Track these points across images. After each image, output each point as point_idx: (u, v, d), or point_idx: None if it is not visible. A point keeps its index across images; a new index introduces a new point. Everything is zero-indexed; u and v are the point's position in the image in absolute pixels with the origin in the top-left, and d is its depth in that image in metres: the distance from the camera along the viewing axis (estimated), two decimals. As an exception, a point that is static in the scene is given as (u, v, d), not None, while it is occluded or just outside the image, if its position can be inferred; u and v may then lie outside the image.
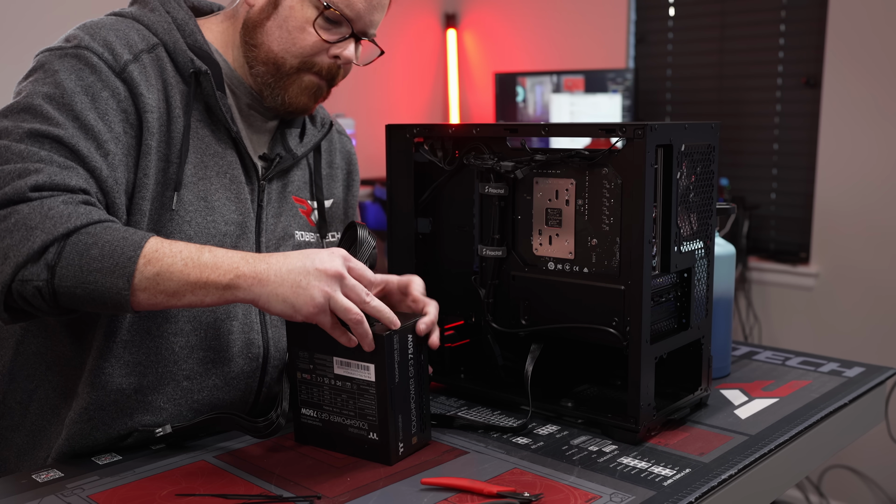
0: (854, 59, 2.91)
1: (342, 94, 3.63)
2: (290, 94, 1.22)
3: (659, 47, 3.45)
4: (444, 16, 4.05)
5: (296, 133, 1.32)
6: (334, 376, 1.10)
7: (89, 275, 1.00)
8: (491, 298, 1.29)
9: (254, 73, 1.22)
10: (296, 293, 1.00)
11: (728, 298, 1.42)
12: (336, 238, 1.35)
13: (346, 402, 1.10)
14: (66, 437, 1.14)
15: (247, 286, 1.01)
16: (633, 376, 1.13)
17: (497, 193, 1.25)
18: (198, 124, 1.18)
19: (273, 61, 1.20)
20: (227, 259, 1.02)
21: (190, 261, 1.01)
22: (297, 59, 1.20)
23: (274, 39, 1.19)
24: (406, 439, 1.10)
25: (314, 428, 1.14)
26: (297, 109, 1.25)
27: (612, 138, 1.12)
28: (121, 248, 1.00)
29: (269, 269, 1.01)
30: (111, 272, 0.99)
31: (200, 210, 1.16)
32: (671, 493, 1.00)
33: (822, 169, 3.02)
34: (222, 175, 1.19)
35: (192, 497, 1.00)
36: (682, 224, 1.18)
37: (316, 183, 1.34)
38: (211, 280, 1.01)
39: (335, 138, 1.42)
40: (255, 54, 1.21)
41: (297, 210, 1.30)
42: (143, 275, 1.00)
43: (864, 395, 1.37)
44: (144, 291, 1.01)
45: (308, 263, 1.01)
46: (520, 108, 3.61)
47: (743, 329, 3.17)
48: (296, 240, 1.28)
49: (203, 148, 1.18)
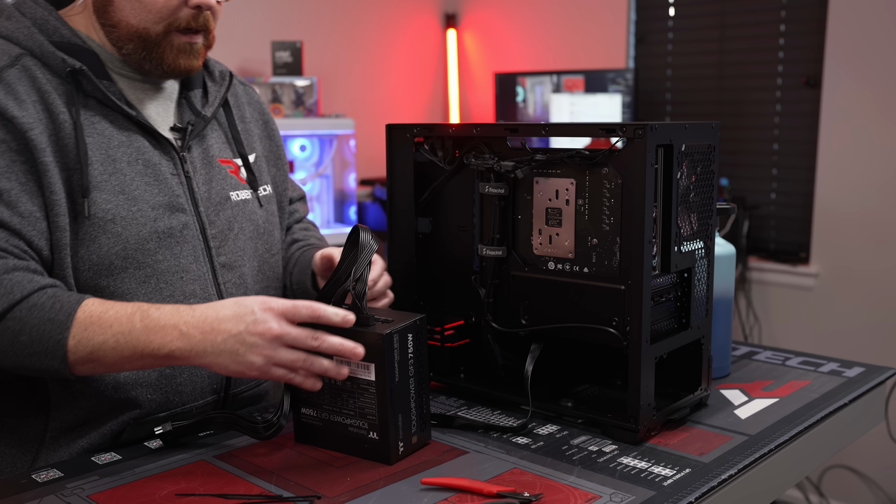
0: (854, 59, 2.90)
1: (342, 93, 3.64)
2: (168, 60, 1.18)
3: (659, 47, 3.45)
4: (444, 16, 4.05)
5: (199, 94, 1.29)
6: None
7: (25, 359, 1.04)
8: (491, 298, 1.29)
9: (125, 53, 1.18)
10: (236, 362, 1.01)
11: (728, 298, 1.42)
12: (269, 191, 1.34)
13: (346, 402, 1.10)
14: (52, 447, 1.14)
15: (185, 359, 1.02)
16: (633, 376, 1.13)
17: (497, 193, 1.25)
18: (93, 120, 1.15)
19: (137, 35, 1.16)
20: (160, 330, 1.02)
21: (122, 336, 1.02)
22: (160, 24, 1.15)
23: (128, 13, 1.14)
24: (406, 438, 1.10)
25: (314, 427, 1.14)
26: (182, 71, 1.21)
27: (612, 138, 1.12)
28: (48, 332, 1.02)
29: (203, 340, 1.00)
30: (44, 355, 1.03)
31: (122, 204, 1.13)
32: (671, 493, 1.00)
33: (822, 169, 3.02)
34: (134, 162, 1.16)
35: (192, 497, 1.00)
36: (683, 224, 1.18)
37: (235, 138, 1.31)
38: (147, 353, 1.03)
39: (240, 92, 1.39)
40: (118, 34, 1.16)
41: (226, 171, 1.28)
42: (77, 354, 1.03)
43: (864, 395, 1.37)
44: (83, 366, 1.05)
45: (241, 328, 1.00)
46: (520, 108, 3.61)
47: (743, 329, 3.17)
48: (233, 201, 1.27)
49: (105, 143, 1.15)
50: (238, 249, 1.26)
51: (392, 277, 1.34)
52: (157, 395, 1.17)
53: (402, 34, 3.89)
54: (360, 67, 3.70)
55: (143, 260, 1.14)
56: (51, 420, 1.15)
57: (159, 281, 1.16)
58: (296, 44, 3.20)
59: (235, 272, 1.25)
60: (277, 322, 1.00)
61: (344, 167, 3.31)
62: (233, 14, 3.26)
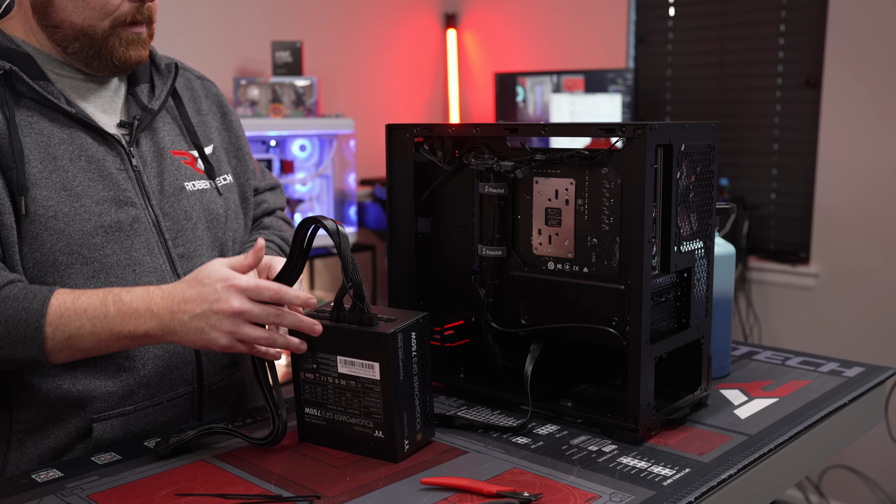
0: (854, 59, 2.90)
1: (342, 93, 3.64)
2: (118, 55, 1.18)
3: (659, 47, 3.45)
4: (444, 16, 4.05)
5: (146, 88, 1.29)
6: (338, 375, 1.10)
7: (3, 350, 1.06)
8: (491, 298, 1.29)
9: (70, 52, 1.18)
10: (202, 339, 1.05)
11: (728, 298, 1.42)
12: (229, 180, 1.34)
13: (350, 401, 1.10)
14: (18, 450, 1.15)
15: (159, 337, 1.07)
16: (633, 376, 1.13)
17: (497, 193, 1.25)
18: (31, 120, 1.14)
19: (83, 33, 1.15)
20: (133, 312, 1.06)
21: (97, 320, 1.06)
22: (105, 20, 1.15)
23: (70, 13, 1.14)
24: (411, 436, 1.10)
25: (318, 427, 1.14)
26: (132, 63, 1.21)
27: (611, 138, 1.12)
28: (24, 320, 1.05)
29: (173, 319, 1.05)
30: (22, 344, 1.05)
31: (63, 201, 1.13)
32: (671, 492, 1.00)
33: (822, 169, 3.02)
34: (77, 159, 1.16)
35: (192, 497, 1.00)
36: (682, 224, 1.18)
37: (188, 129, 1.31)
38: (124, 335, 1.07)
39: (196, 85, 1.39)
40: (62, 34, 1.16)
41: (180, 162, 1.28)
42: (54, 340, 1.06)
43: (864, 395, 1.37)
44: (61, 353, 1.07)
45: (206, 307, 1.04)
46: (520, 108, 3.61)
47: (743, 329, 3.17)
48: (188, 190, 1.27)
49: (45, 141, 1.14)
50: (196, 239, 1.26)
51: (392, 277, 1.34)
52: (118, 388, 1.17)
53: (402, 34, 3.89)
54: (360, 67, 3.70)
55: (89, 255, 1.14)
56: (14, 422, 1.15)
57: (109, 275, 1.16)
58: (296, 44, 3.20)
59: (195, 261, 1.25)
60: (239, 300, 1.04)
61: (344, 167, 3.31)
62: (233, 14, 3.26)
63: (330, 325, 1.10)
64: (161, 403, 1.21)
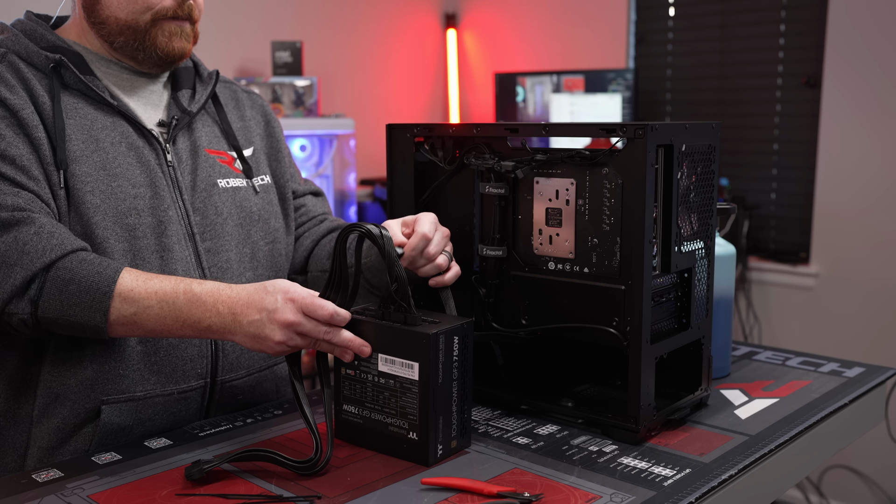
0: (854, 59, 2.91)
1: (342, 93, 3.64)
2: (161, 45, 1.25)
3: (659, 47, 3.45)
4: (444, 16, 4.05)
5: (188, 94, 1.35)
6: (378, 373, 1.10)
7: (69, 309, 1.09)
8: (491, 298, 1.29)
9: (117, 47, 1.25)
10: (258, 344, 1.09)
11: (728, 298, 1.42)
12: (267, 181, 1.39)
13: (387, 400, 1.10)
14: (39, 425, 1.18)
15: (219, 333, 1.11)
16: (634, 376, 1.13)
17: (497, 193, 1.25)
18: (76, 107, 1.21)
19: (128, 27, 1.23)
20: (201, 305, 1.10)
21: (166, 304, 1.10)
22: (147, 14, 1.23)
23: (115, 8, 1.22)
24: (445, 441, 1.09)
25: (353, 425, 1.14)
26: (175, 56, 1.27)
27: (612, 138, 1.12)
28: (96, 283, 1.10)
29: (233, 321, 1.09)
30: (89, 307, 1.09)
31: (102, 179, 1.19)
32: (671, 493, 1.00)
33: (822, 169, 3.02)
34: (117, 144, 1.23)
35: (192, 497, 1.00)
36: (683, 224, 1.18)
37: (227, 132, 1.37)
38: (189, 324, 1.11)
39: (242, 96, 1.46)
40: (108, 30, 1.24)
41: (215, 160, 1.33)
42: (119, 312, 1.10)
43: (864, 396, 1.37)
44: (123, 326, 1.11)
45: (263, 315, 1.08)
46: (520, 108, 3.61)
47: (743, 329, 3.17)
48: (220, 187, 1.31)
49: (88, 125, 1.21)
50: (225, 234, 1.30)
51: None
52: (129, 371, 1.19)
53: (402, 34, 3.89)
54: (360, 67, 3.70)
55: (122, 234, 1.19)
56: (38, 398, 1.18)
57: (136, 257, 1.19)
58: (296, 44, 3.20)
59: (221, 256, 1.29)
60: (294, 313, 1.07)
61: (344, 167, 3.31)
62: (233, 14, 3.26)
63: (373, 322, 1.10)
64: (172, 395, 1.22)
